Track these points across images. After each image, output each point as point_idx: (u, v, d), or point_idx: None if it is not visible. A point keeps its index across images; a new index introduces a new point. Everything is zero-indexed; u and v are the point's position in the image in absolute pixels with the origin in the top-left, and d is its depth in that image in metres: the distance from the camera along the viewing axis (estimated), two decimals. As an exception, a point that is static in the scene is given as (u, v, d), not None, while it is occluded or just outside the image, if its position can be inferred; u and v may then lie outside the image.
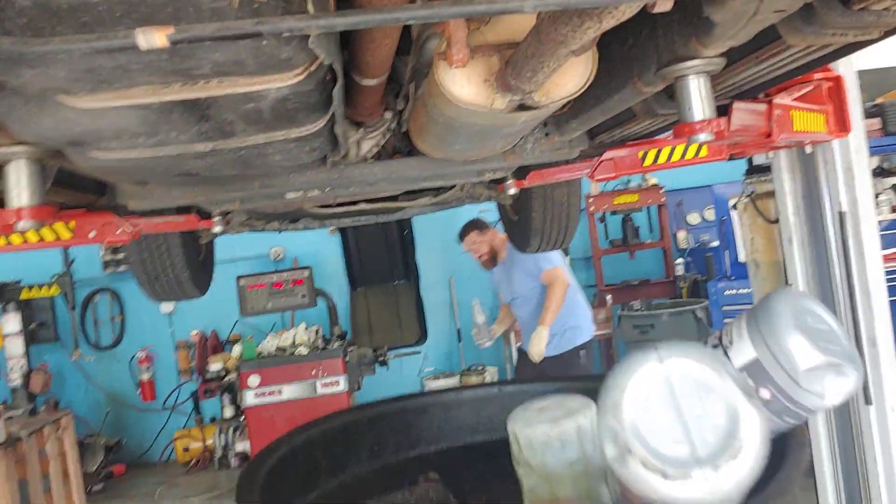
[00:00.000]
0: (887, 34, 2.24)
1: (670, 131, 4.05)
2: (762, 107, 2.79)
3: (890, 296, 3.86)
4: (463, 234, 6.79)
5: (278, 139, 2.11)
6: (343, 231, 9.79)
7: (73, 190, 3.31)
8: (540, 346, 6.09)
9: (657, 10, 1.51)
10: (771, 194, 4.12)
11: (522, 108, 2.23)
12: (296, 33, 1.15)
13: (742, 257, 7.98)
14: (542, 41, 1.69)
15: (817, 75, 3.29)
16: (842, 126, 3.47)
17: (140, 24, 1.18)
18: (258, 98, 1.62)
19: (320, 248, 10.20)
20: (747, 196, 4.22)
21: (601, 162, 3.99)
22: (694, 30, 1.99)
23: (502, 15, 2.01)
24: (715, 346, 2.36)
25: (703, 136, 2.15)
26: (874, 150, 6.11)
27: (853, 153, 3.75)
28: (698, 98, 2.13)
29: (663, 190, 8.75)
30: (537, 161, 3.56)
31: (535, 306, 6.37)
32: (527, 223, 5.16)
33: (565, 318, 6.27)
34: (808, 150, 3.75)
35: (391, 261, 9.87)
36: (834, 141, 3.67)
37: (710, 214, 9.56)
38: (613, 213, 9.24)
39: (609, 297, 8.86)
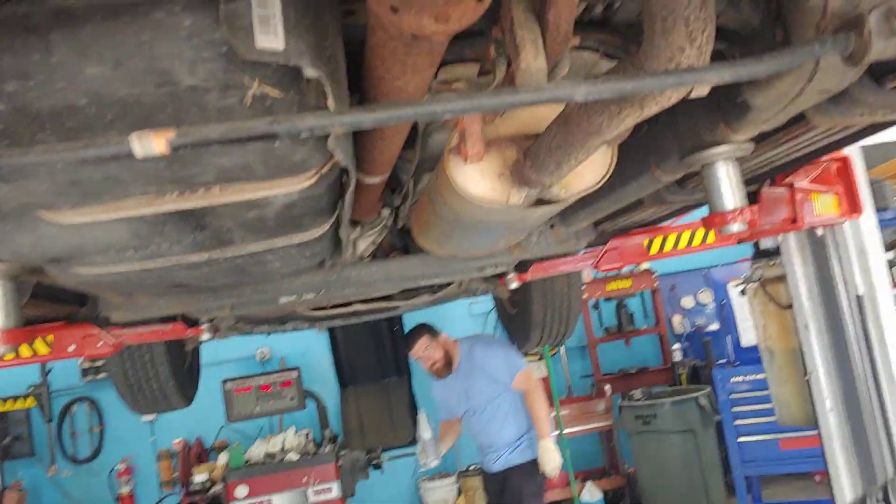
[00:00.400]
0: (916, 114, 2.12)
1: (674, 218, 3.96)
2: (785, 192, 2.67)
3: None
4: (412, 341, 5.43)
5: (279, 246, 1.94)
6: (331, 329, 9.55)
7: (51, 302, 3.11)
8: (556, 460, 5.16)
9: (694, 95, 1.38)
10: (781, 279, 3.98)
11: (540, 202, 2.09)
12: (316, 133, 0.98)
13: (745, 342, 7.81)
14: (572, 131, 1.55)
15: (825, 156, 3.20)
16: (853, 207, 3.36)
17: (134, 128, 1.02)
18: (263, 205, 1.46)
19: (308, 348, 9.91)
20: (756, 281, 4.08)
21: (606, 252, 3.85)
22: (723, 114, 1.87)
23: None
24: None
25: (735, 227, 2.00)
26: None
27: (865, 234, 3.63)
28: (728, 186, 1.99)
29: (656, 274, 8.62)
30: (543, 254, 3.41)
31: (504, 416, 5.44)
32: (526, 317, 4.98)
33: (528, 423, 5.42)
34: (819, 232, 3.62)
35: (381, 358, 9.59)
36: (845, 222, 3.55)
37: (705, 297, 9.43)
38: (607, 299, 9.08)
39: (608, 386, 8.60)
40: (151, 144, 0.96)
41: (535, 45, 1.10)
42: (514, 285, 4.06)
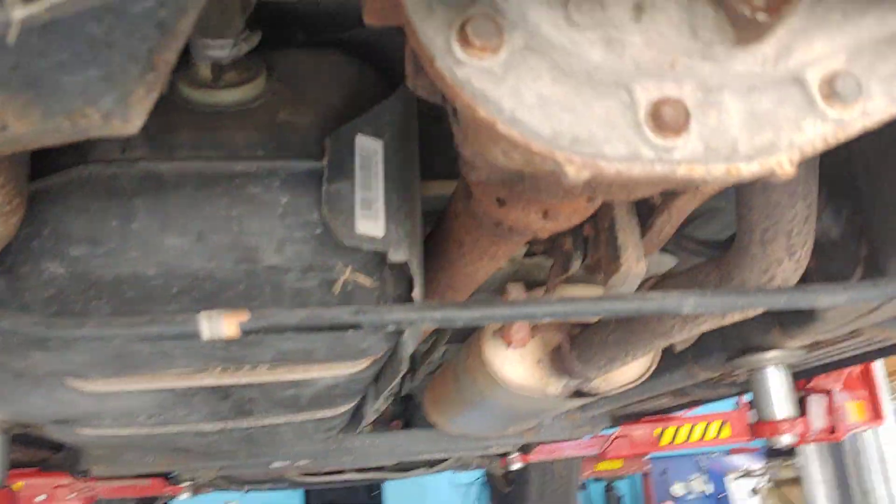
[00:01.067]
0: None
1: (685, 409, 3.83)
2: (824, 400, 2.57)
3: None
4: None
5: (299, 420, 1.80)
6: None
7: (25, 447, 2.90)
8: None
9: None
10: (796, 481, 3.79)
11: (579, 394, 1.98)
12: (402, 327, 0.88)
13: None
14: (636, 330, 1.46)
15: (857, 364, 3.12)
16: (876, 413, 3.25)
17: (200, 304, 0.92)
18: (305, 385, 1.34)
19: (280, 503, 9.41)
20: (770, 481, 3.89)
21: (615, 439, 3.69)
22: (779, 318, 1.79)
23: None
24: None
25: (786, 438, 1.88)
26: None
27: (885, 442, 3.49)
28: (780, 393, 1.88)
29: (648, 457, 8.34)
30: (555, 438, 3.26)
31: None
32: (521, 497, 4.73)
33: None
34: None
35: (356, 522, 9.08)
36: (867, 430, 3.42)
37: (698, 485, 9.08)
38: (596, 479, 8.73)
39: (593, 575, 8.11)
40: (222, 327, 0.85)
41: (637, 248, 1.03)
42: (516, 466, 3.86)
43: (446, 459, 4.06)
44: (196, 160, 0.84)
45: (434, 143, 1.15)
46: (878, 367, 3.43)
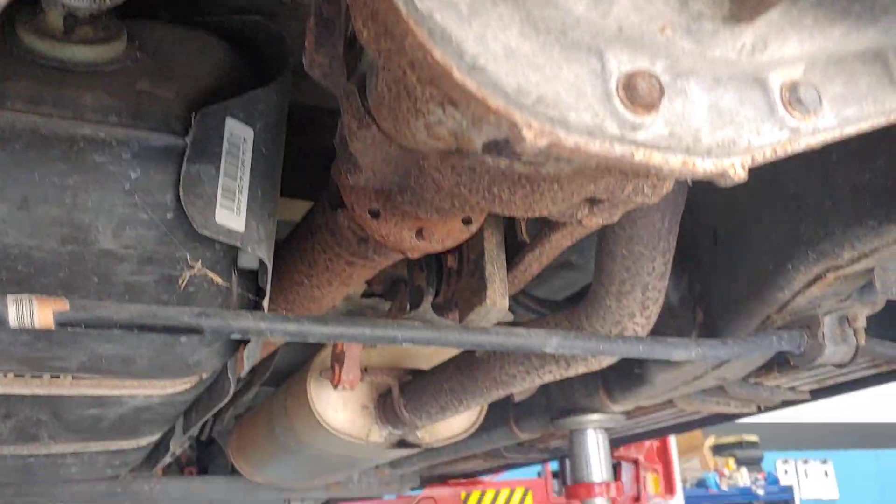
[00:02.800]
0: (763, 410, 2.20)
1: (492, 474, 3.84)
2: (633, 467, 2.65)
3: None
4: None
5: (91, 451, 1.60)
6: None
7: None
8: None
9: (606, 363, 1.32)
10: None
11: (402, 444, 1.90)
12: (248, 336, 0.78)
13: None
14: (477, 378, 1.42)
15: (659, 436, 3.28)
16: (669, 487, 3.41)
17: (6, 287, 0.78)
18: (112, 405, 1.18)
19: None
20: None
21: (421, 499, 3.63)
22: (605, 382, 1.82)
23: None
24: None
25: (599, 501, 1.90)
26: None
27: (673, 516, 3.67)
28: (597, 456, 1.91)
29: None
30: (363, 495, 3.13)
31: None
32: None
33: None
34: (635, 509, 3.62)
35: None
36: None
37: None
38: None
39: None
40: (34, 315, 0.72)
41: (503, 284, 0.99)
42: (315, 523, 3.69)
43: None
44: (31, 115, 0.71)
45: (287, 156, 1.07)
46: (673, 446, 3.62)
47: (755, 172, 0.72)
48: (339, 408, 1.81)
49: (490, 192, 0.64)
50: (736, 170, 0.43)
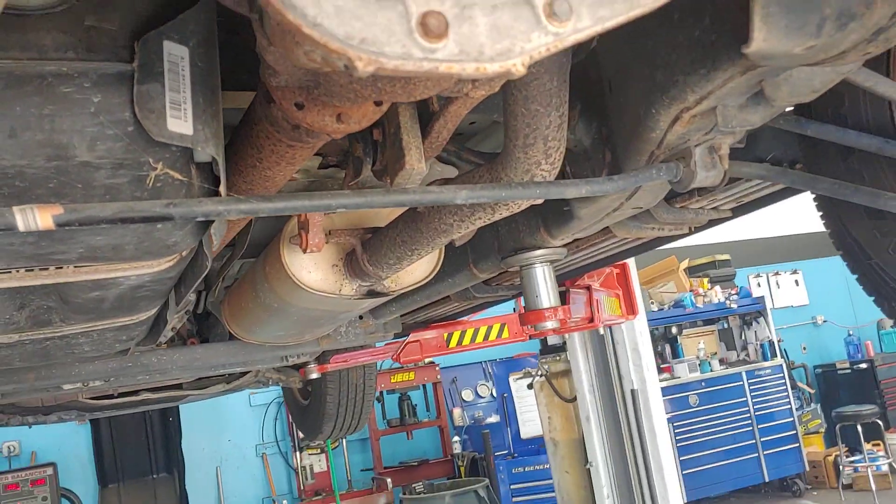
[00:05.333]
0: (694, 231, 2.43)
1: (470, 314, 4.16)
2: (584, 294, 2.93)
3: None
4: None
5: (98, 329, 1.83)
6: (95, 420, 8.77)
7: None
8: None
9: (536, 202, 1.53)
10: (565, 373, 4.27)
11: (371, 294, 2.14)
12: (211, 217, 0.99)
13: (525, 434, 8.19)
14: (421, 229, 1.64)
15: (613, 263, 3.55)
16: (630, 309, 3.73)
17: (10, 201, 0.97)
18: (111, 286, 1.39)
19: (64, 441, 9.02)
20: (543, 375, 4.35)
21: (407, 344, 3.95)
22: (544, 220, 2.04)
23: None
24: None
25: (549, 324, 2.17)
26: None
27: (638, 335, 4.01)
28: (545, 286, 2.16)
29: (439, 367, 8.87)
30: (350, 345, 3.44)
31: None
32: (319, 408, 4.92)
33: None
34: (602, 331, 3.96)
35: (151, 452, 8.93)
36: (623, 323, 3.91)
37: (484, 391, 9.80)
38: (390, 391, 9.16)
39: (389, 479, 8.60)
40: (35, 219, 0.91)
41: (419, 150, 1.18)
42: (313, 375, 4.03)
43: (245, 374, 4.14)
44: (5, 60, 0.87)
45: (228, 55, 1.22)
46: (633, 271, 3.91)
47: (626, 32, 0.90)
48: (311, 268, 2.03)
49: (375, 86, 0.82)
50: (518, 68, 0.62)
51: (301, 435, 8.14)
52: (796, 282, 13.47)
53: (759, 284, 12.99)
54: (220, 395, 4.35)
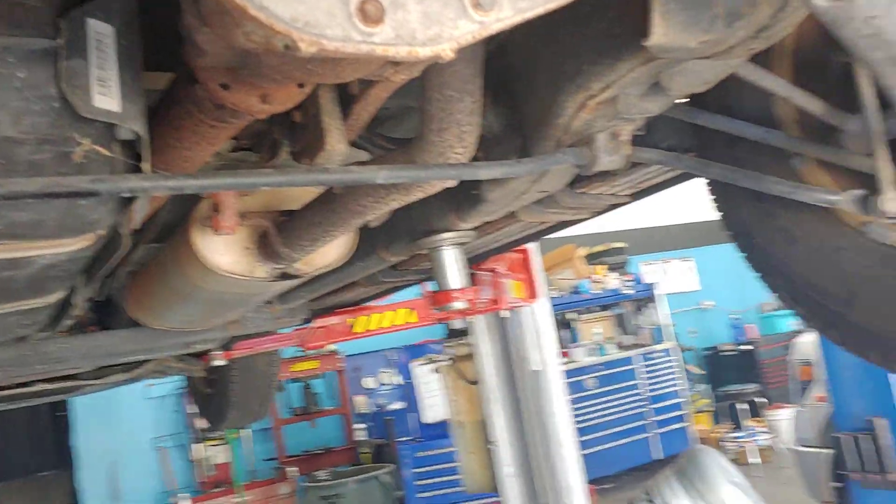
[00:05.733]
0: (594, 215, 2.56)
1: (375, 299, 4.20)
2: (490, 277, 3.02)
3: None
4: None
5: (5, 311, 1.79)
6: (-22, 416, 8.36)
7: None
8: None
9: (448, 185, 1.60)
10: (470, 357, 4.38)
11: (285, 276, 2.16)
12: (137, 194, 1.01)
13: (428, 419, 8.29)
14: (337, 210, 1.68)
15: (516, 247, 3.66)
16: (532, 293, 3.86)
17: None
18: (24, 265, 1.37)
19: (-55, 439, 8.56)
20: (448, 359, 4.44)
21: (313, 330, 3.96)
22: (454, 204, 2.11)
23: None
24: None
25: (458, 304, 2.25)
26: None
27: (540, 317, 4.14)
28: (454, 268, 2.24)
29: (342, 355, 8.87)
30: (257, 331, 3.42)
31: None
32: (224, 396, 4.86)
33: None
34: (505, 314, 4.08)
35: (39, 449, 8.59)
36: (525, 306, 4.04)
37: (386, 378, 9.86)
38: (294, 380, 9.10)
39: (292, 469, 8.56)
40: (-39, 193, 0.92)
41: (340, 131, 1.22)
42: (218, 362, 3.99)
43: (146, 363, 4.06)
44: (-69, 35, 0.87)
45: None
46: (536, 257, 4.04)
47: (539, 24, 0.97)
48: (223, 251, 2.03)
49: (305, 68, 0.86)
50: (447, 52, 0.68)
51: (202, 426, 8.00)
52: (689, 268, 14.11)
53: (651, 271, 13.54)
54: (119, 384, 4.24)
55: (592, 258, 11.40)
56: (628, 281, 11.17)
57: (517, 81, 1.56)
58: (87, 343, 2.98)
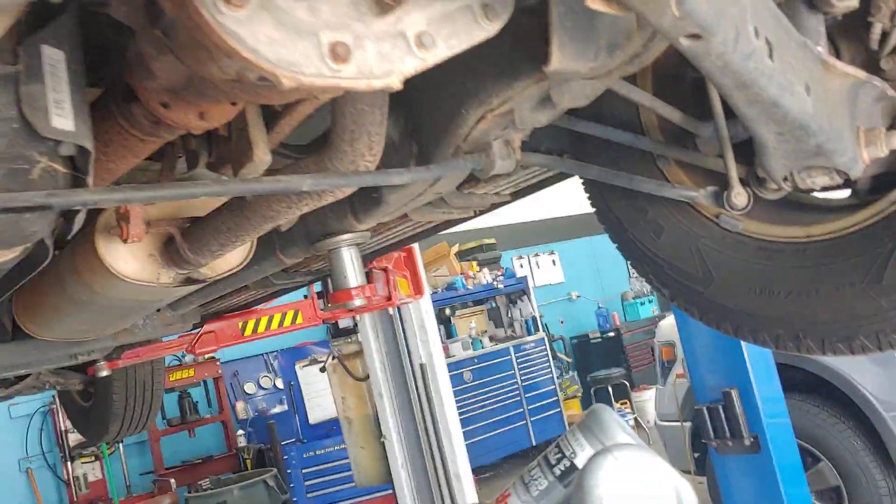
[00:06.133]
0: (478, 214, 2.75)
1: (263, 303, 4.25)
2: (383, 275, 3.15)
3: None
4: None
5: None
6: None
7: None
8: None
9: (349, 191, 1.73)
10: (357, 354, 4.50)
11: (189, 281, 2.22)
12: (89, 206, 1.10)
13: (313, 419, 8.32)
14: (248, 216, 1.77)
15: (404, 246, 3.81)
16: (417, 289, 4.03)
17: None
18: (-53, 278, 1.41)
19: None
20: (334, 357, 4.55)
21: (201, 335, 3.97)
22: (351, 205, 2.24)
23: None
24: (560, 458, 2.82)
25: (357, 302, 2.37)
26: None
27: (424, 312, 4.32)
28: (352, 267, 2.36)
29: (219, 361, 8.74)
30: (147, 338, 3.41)
31: None
32: (104, 409, 4.76)
33: None
34: (391, 311, 4.23)
35: None
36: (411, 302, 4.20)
37: (266, 382, 9.79)
38: (169, 390, 8.88)
39: (172, 480, 8.36)
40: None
41: (265, 143, 1.33)
42: (103, 373, 3.92)
43: (25, 378, 3.94)
44: None
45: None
46: (418, 254, 4.21)
47: None
48: (128, 259, 2.08)
49: (256, 92, 0.98)
50: (396, 84, 0.82)
51: (75, 443, 7.71)
52: (553, 262, 14.74)
53: (521, 266, 14.06)
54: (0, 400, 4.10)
55: (465, 255, 11.73)
56: (500, 276, 11.57)
57: (417, 94, 1.71)
58: (-31, 359, 2.90)
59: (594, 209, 2.00)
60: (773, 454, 4.20)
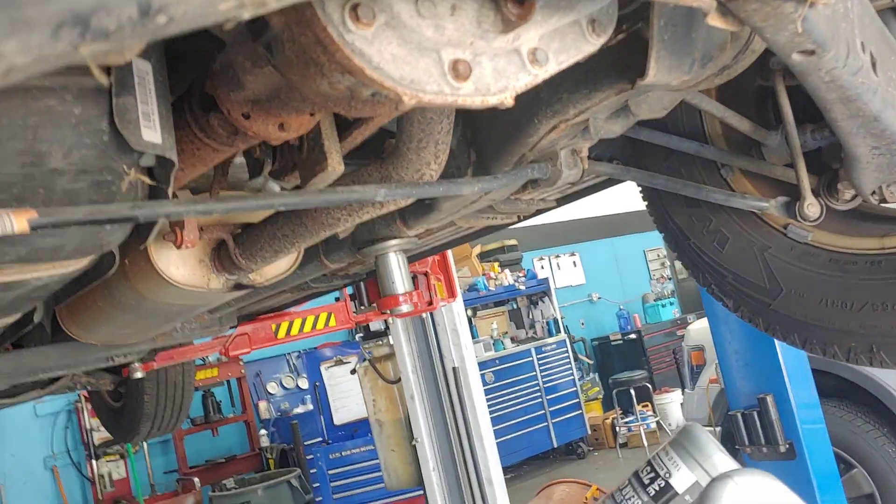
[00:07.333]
0: (522, 219, 2.73)
1: (296, 305, 4.25)
2: (424, 279, 3.14)
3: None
4: None
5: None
6: None
7: None
8: None
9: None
10: (388, 357, 4.49)
11: (238, 287, 2.21)
12: (172, 218, 1.09)
13: (338, 420, 8.32)
14: (306, 223, 1.76)
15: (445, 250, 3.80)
16: (451, 292, 4.01)
17: (-24, 205, 1.01)
18: (16, 287, 1.40)
19: None
20: (366, 360, 4.54)
21: (235, 337, 3.97)
22: (400, 213, 2.22)
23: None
24: (653, 478, 2.77)
25: (405, 308, 2.36)
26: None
27: (456, 315, 4.30)
28: (399, 273, 2.35)
29: (243, 362, 8.76)
30: (185, 340, 3.42)
31: None
32: (136, 409, 4.77)
33: None
34: (423, 315, 4.21)
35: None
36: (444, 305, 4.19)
37: (289, 382, 9.80)
38: (194, 389, 8.90)
39: (196, 479, 8.38)
40: (13, 224, 0.97)
41: (339, 153, 1.32)
42: (138, 375, 3.93)
43: (61, 378, 3.95)
44: (-9, 75, 0.91)
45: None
46: (450, 257, 4.20)
47: None
48: (179, 265, 2.07)
49: (349, 104, 0.97)
50: (508, 100, 0.80)
51: (100, 441, 7.75)
52: (574, 263, 14.69)
53: (542, 267, 14.02)
54: (32, 400, 4.12)
55: (486, 256, 11.71)
56: (521, 277, 11.53)
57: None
58: (12, 361, 2.91)
59: (652, 217, 1.98)
60: (809, 461, 4.16)
